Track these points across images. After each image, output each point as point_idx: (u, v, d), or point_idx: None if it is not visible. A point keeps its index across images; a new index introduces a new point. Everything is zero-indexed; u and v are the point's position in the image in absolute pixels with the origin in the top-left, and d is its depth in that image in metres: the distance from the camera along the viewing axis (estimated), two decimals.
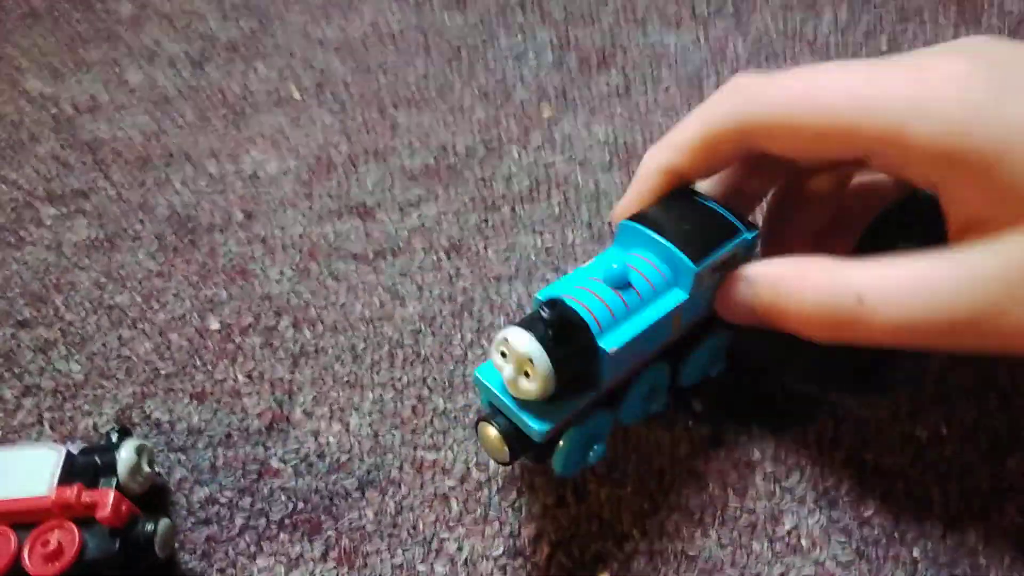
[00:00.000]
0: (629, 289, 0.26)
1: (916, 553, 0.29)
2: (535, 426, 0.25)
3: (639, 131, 0.41)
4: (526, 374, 0.24)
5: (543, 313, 0.24)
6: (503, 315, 0.36)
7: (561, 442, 0.26)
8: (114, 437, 0.31)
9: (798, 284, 0.25)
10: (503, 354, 0.25)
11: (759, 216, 0.35)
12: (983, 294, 0.22)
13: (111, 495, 0.29)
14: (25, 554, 0.28)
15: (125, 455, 0.30)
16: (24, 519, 0.29)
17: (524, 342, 0.24)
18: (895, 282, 0.23)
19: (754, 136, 0.26)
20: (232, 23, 0.47)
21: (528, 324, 0.24)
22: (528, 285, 0.36)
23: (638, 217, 0.28)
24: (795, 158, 0.28)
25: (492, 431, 0.26)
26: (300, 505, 0.32)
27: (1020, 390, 0.31)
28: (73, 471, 0.30)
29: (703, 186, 0.31)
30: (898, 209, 0.31)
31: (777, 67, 0.42)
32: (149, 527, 0.29)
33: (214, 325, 0.37)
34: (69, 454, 0.30)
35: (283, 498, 0.32)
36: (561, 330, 0.24)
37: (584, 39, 0.44)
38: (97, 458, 0.30)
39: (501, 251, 0.37)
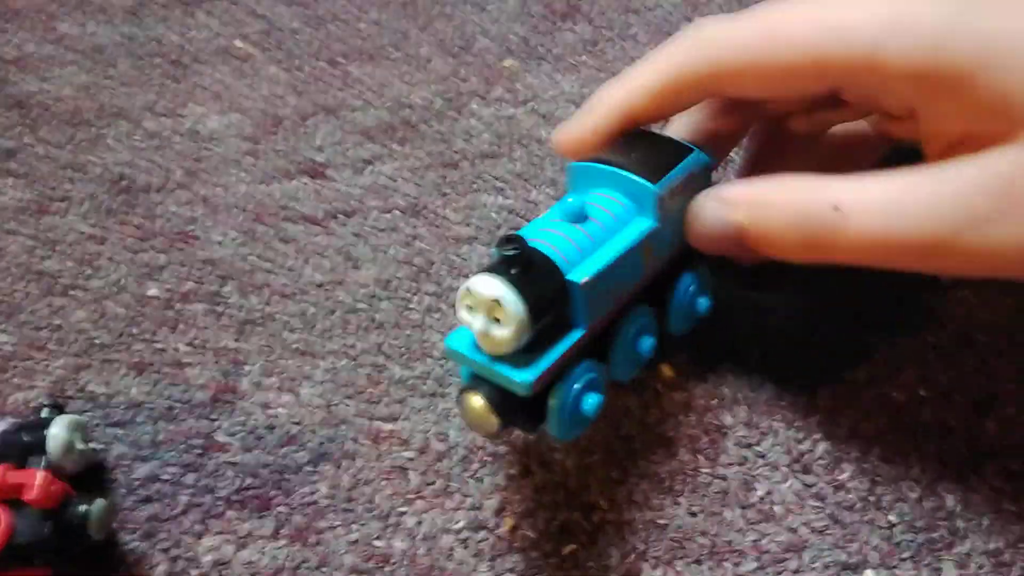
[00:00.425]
0: (589, 222, 0.25)
1: (892, 517, 0.28)
2: (519, 377, 0.23)
3: None
4: (497, 320, 0.22)
5: (504, 252, 0.22)
6: (463, 278, 0.34)
7: (552, 401, 0.24)
8: (45, 413, 0.29)
9: (774, 196, 0.24)
10: (469, 308, 0.23)
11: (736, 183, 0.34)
12: (965, 207, 0.21)
13: (39, 475, 0.27)
14: None
15: (56, 432, 0.28)
16: None
17: (489, 284, 0.22)
18: (874, 192, 0.22)
19: (719, 81, 0.25)
20: None
21: (490, 268, 0.23)
22: (489, 246, 0.35)
23: (588, 159, 0.27)
24: (765, 98, 0.27)
25: (476, 400, 0.24)
26: (249, 481, 0.30)
27: (997, 349, 0.31)
28: (1, 450, 0.28)
29: (673, 131, 0.29)
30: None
31: None
32: (83, 508, 0.27)
33: (153, 291, 0.34)
34: None
35: (230, 474, 0.30)
36: (526, 265, 0.23)
37: None
38: (25, 436, 0.28)
39: (461, 210, 0.35)
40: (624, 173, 0.25)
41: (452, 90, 0.39)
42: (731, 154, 0.35)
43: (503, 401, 0.24)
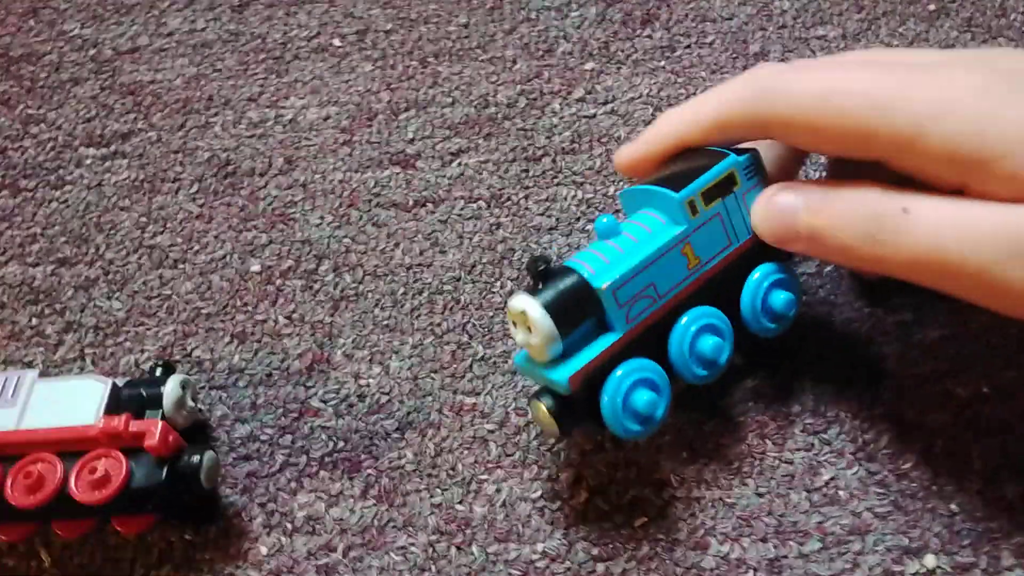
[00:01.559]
0: (622, 236, 0.27)
1: (953, 506, 0.29)
2: (556, 376, 0.26)
3: (683, 88, 0.40)
4: (530, 330, 0.26)
5: (533, 270, 0.26)
6: None
7: (604, 397, 0.26)
8: (159, 371, 0.32)
9: (847, 191, 0.25)
10: (514, 324, 0.27)
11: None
12: (1020, 244, 0.22)
13: (159, 424, 0.29)
14: (72, 481, 0.29)
15: (171, 388, 0.31)
16: (71, 448, 0.29)
17: (517, 300, 0.26)
18: (944, 206, 0.23)
19: (770, 130, 0.26)
20: None
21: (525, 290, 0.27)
22: (568, 236, 0.36)
23: (635, 183, 0.29)
24: (813, 152, 0.28)
25: (539, 407, 0.27)
26: (340, 444, 0.32)
27: None
28: (119, 403, 0.30)
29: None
30: None
31: (823, 27, 0.42)
32: (195, 458, 0.30)
33: (255, 267, 0.37)
34: (115, 386, 0.31)
35: (323, 437, 0.32)
36: (547, 278, 0.26)
37: None
38: (143, 391, 0.31)
39: (542, 202, 0.37)
40: (655, 188, 0.28)
41: (535, 90, 0.41)
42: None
43: (562, 406, 0.26)
